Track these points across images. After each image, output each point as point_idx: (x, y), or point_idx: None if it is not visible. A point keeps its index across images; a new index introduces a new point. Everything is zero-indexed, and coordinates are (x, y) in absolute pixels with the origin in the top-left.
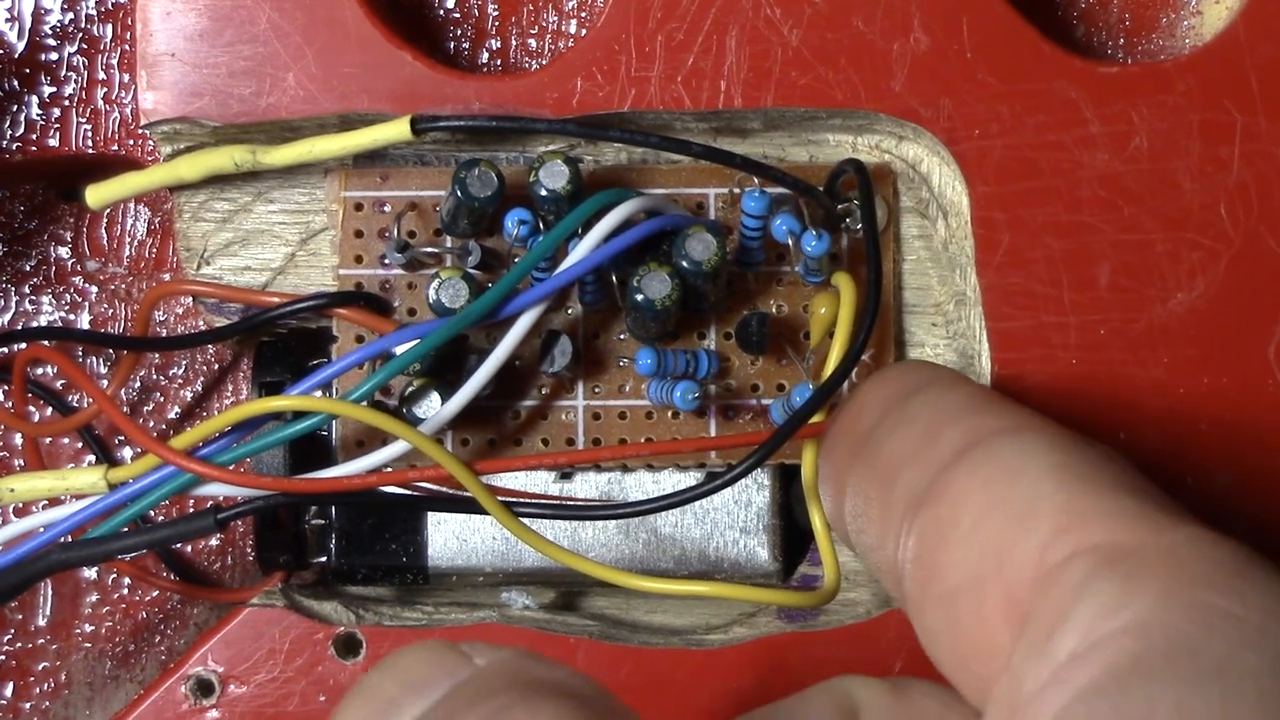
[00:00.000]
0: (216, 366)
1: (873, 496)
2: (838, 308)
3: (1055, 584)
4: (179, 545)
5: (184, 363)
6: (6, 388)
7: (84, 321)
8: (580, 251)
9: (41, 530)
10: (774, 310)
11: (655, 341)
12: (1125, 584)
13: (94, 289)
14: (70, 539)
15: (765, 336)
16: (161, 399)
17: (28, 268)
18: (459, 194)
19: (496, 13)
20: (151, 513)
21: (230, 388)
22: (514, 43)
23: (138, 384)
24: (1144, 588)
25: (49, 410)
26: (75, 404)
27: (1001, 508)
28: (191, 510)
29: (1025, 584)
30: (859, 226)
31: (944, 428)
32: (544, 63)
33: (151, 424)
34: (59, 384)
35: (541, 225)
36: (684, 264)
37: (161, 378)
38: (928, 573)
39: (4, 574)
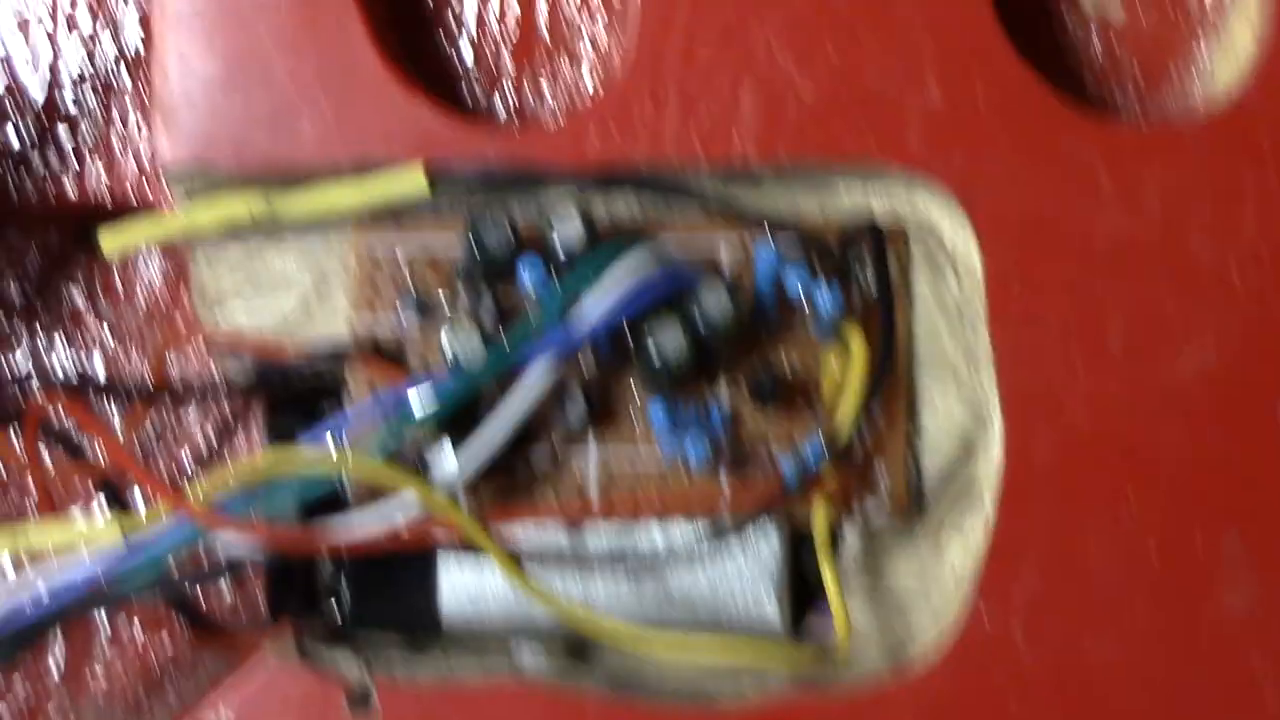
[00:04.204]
0: (228, 412)
1: None
2: (849, 362)
3: None
4: (190, 589)
5: (194, 409)
6: (19, 430)
7: (98, 365)
8: (594, 304)
9: (57, 578)
10: (785, 364)
11: (667, 394)
12: None
13: (108, 333)
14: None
15: (776, 390)
16: (173, 443)
17: (42, 312)
18: (473, 245)
19: (512, 62)
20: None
21: (241, 432)
22: (529, 92)
23: (148, 428)
24: None
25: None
26: (86, 446)
27: None
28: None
29: None
30: (871, 280)
31: None
32: (559, 113)
33: (162, 466)
34: (70, 423)
35: (555, 276)
36: (697, 318)
37: (173, 423)
38: None
39: (20, 620)
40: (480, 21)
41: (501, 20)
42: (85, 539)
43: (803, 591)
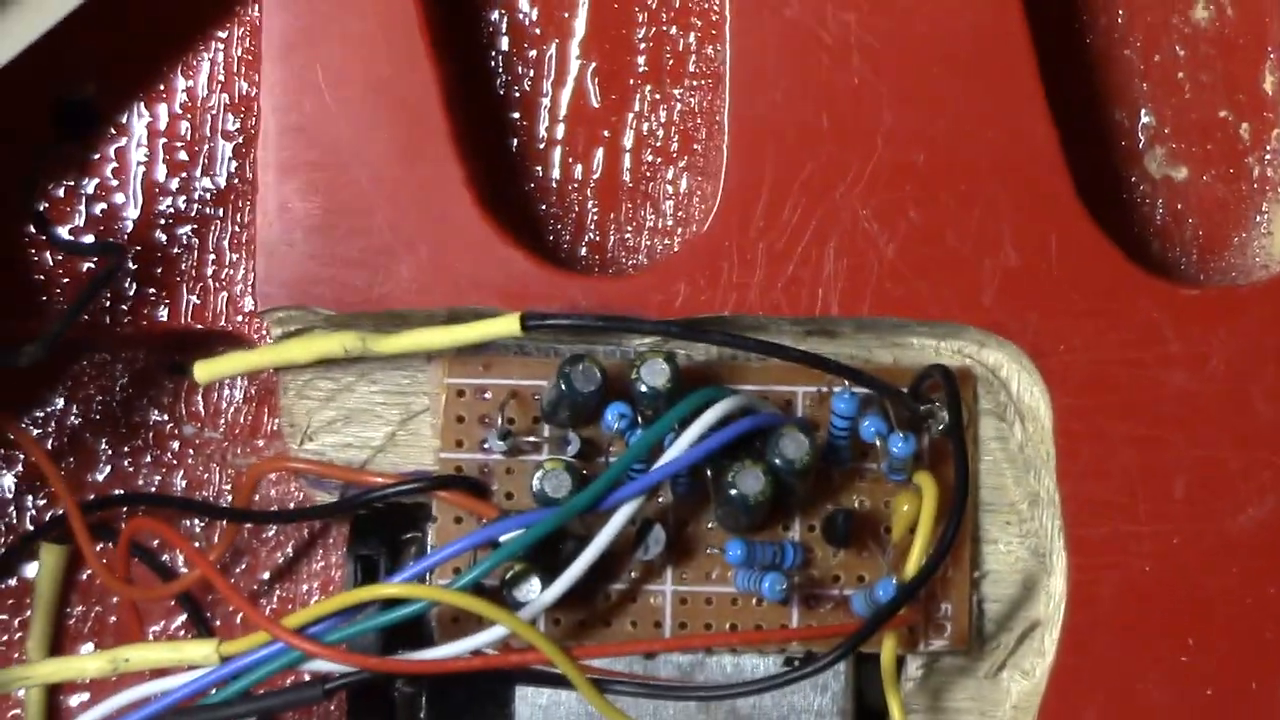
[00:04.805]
0: (306, 532)
1: None
2: (920, 506)
3: None
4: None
5: (275, 528)
6: (106, 544)
7: (178, 484)
8: (678, 448)
9: (156, 698)
10: (857, 505)
11: (744, 533)
12: None
13: (190, 453)
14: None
15: (850, 531)
16: (252, 562)
17: (126, 430)
18: (563, 387)
19: (596, 210)
20: None
21: (320, 553)
22: (612, 239)
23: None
24: None
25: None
26: (169, 563)
27: None
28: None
29: None
30: (940, 428)
31: None
32: (641, 258)
33: (242, 585)
34: (154, 542)
35: (640, 419)
36: (777, 462)
37: (254, 541)
38: None
39: None
40: (568, 174)
41: (588, 173)
42: (183, 660)
43: (866, 718)
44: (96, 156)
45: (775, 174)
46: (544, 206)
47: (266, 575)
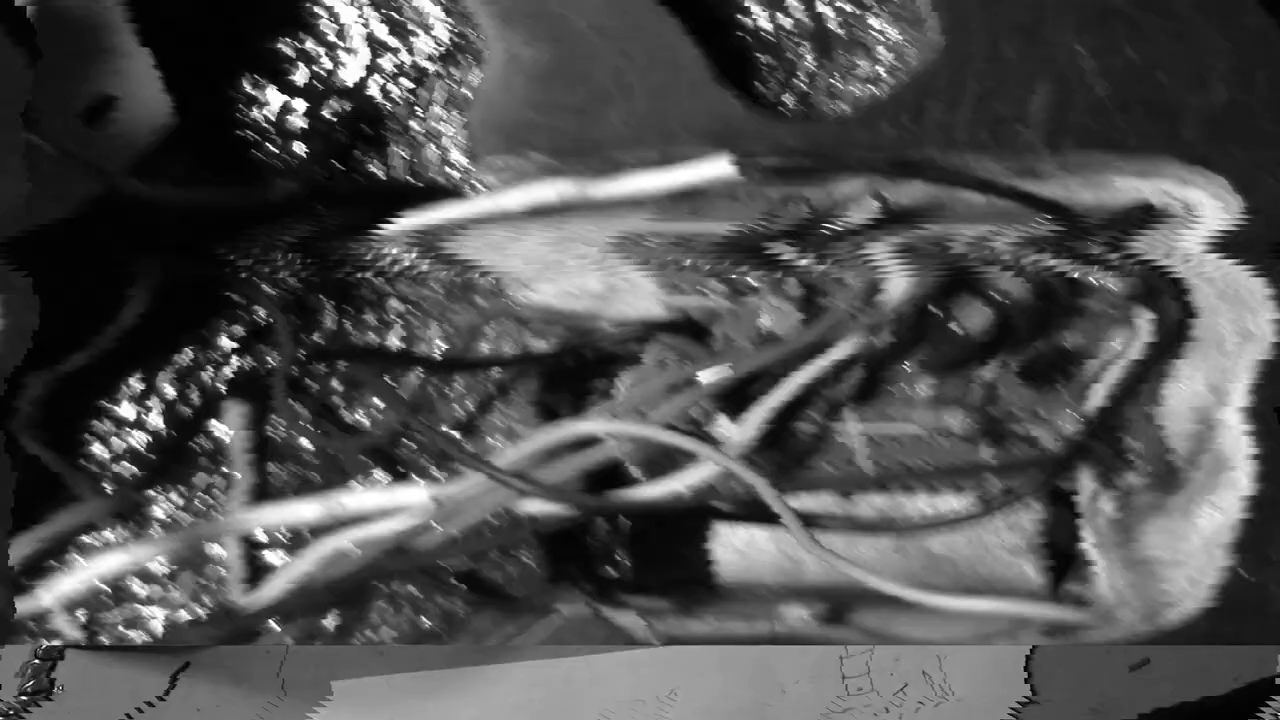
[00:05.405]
0: (491, 386)
1: None
2: (1127, 343)
3: None
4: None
5: (463, 379)
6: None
7: (393, 340)
8: (891, 289)
9: (370, 543)
10: (1063, 344)
11: (948, 370)
12: None
13: (404, 308)
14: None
15: (1046, 368)
16: (437, 414)
17: (338, 288)
18: (778, 227)
19: (804, 59)
20: None
21: (509, 406)
22: (819, 87)
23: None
24: None
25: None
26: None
27: None
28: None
29: None
30: (1146, 270)
31: None
32: (846, 106)
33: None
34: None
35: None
36: (996, 297)
37: (441, 393)
38: None
39: (341, 582)
40: (775, 24)
41: (794, 23)
42: (396, 504)
43: (1059, 556)
44: (314, 17)
45: (984, 17)
46: (753, 56)
47: (455, 424)
